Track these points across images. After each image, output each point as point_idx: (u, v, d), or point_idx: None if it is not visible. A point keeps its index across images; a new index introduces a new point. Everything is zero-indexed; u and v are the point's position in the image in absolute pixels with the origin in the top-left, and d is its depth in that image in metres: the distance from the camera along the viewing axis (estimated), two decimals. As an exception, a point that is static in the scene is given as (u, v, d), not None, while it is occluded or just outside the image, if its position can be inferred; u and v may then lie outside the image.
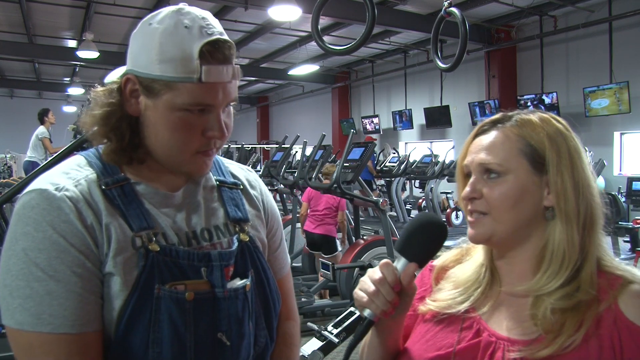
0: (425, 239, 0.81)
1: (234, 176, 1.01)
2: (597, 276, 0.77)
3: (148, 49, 0.80)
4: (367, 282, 0.79)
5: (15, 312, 0.75)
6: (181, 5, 0.84)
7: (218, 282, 0.85)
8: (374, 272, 0.80)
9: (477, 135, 0.86)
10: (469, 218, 0.83)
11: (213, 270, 0.85)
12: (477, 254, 0.89)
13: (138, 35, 0.83)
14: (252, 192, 1.01)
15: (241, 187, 1.00)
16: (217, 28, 0.83)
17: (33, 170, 6.85)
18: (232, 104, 0.87)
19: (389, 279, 0.78)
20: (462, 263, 0.92)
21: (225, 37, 0.83)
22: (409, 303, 0.84)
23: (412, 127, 12.17)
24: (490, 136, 0.83)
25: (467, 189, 0.82)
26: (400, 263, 0.80)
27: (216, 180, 0.97)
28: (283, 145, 6.95)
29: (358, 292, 0.80)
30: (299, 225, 5.87)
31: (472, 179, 0.82)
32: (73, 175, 0.83)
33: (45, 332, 0.74)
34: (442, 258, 0.94)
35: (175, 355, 0.80)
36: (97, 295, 0.79)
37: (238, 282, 0.88)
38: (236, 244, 0.91)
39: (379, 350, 0.87)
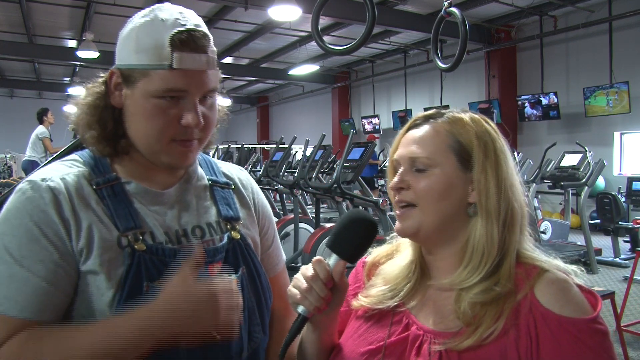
0: (355, 236, 0.82)
1: (226, 176, 1.04)
2: (516, 267, 0.80)
3: (127, 42, 0.86)
4: (300, 279, 0.81)
5: None
6: (158, 5, 0.88)
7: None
8: (307, 269, 0.81)
9: (409, 129, 0.88)
10: (397, 211, 0.85)
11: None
12: (407, 250, 0.91)
13: (122, 33, 0.89)
14: (243, 191, 1.04)
15: (233, 186, 1.02)
16: (192, 21, 0.86)
17: (32, 169, 6.85)
18: (210, 94, 0.88)
19: (321, 276, 0.80)
20: (393, 259, 0.94)
21: (201, 28, 0.86)
22: (342, 298, 0.86)
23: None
24: (421, 130, 0.85)
25: (395, 179, 0.84)
26: (332, 259, 0.82)
27: (208, 179, 0.99)
28: (281, 146, 6.96)
29: (291, 289, 0.82)
30: (301, 225, 5.87)
31: (400, 170, 0.84)
32: (62, 170, 0.86)
33: None
34: (374, 254, 0.97)
35: (167, 349, 0.81)
36: (58, 288, 0.79)
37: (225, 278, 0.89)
38: (225, 240, 0.93)
39: (315, 346, 0.88)
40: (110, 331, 0.77)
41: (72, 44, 11.37)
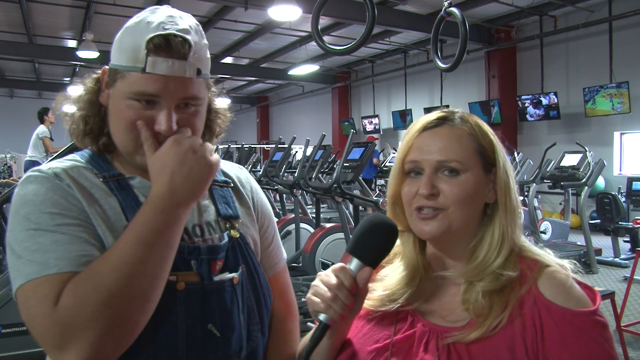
0: (377, 240, 0.81)
1: (224, 174, 1.03)
2: (519, 262, 0.83)
3: (116, 42, 0.87)
4: (322, 287, 0.79)
5: (25, 267, 0.76)
6: (157, 6, 0.88)
7: (206, 274, 0.88)
8: (329, 277, 0.80)
9: (422, 131, 0.86)
10: (423, 213, 0.83)
11: (202, 263, 0.88)
12: (407, 254, 0.90)
13: (118, 33, 0.89)
14: (242, 190, 1.04)
15: (232, 185, 1.02)
16: (179, 25, 0.84)
17: (33, 170, 6.81)
18: (193, 102, 0.87)
19: (346, 284, 0.79)
20: (392, 263, 0.94)
21: (185, 35, 0.83)
22: (362, 303, 0.85)
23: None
24: (443, 134, 0.84)
25: (425, 185, 0.82)
26: (353, 265, 0.80)
27: None
28: (280, 145, 6.96)
29: (312, 298, 0.80)
30: (301, 225, 5.86)
31: (427, 177, 0.83)
32: (63, 163, 0.88)
33: (51, 275, 0.75)
34: None
35: (168, 343, 0.82)
36: (100, 245, 0.81)
37: (226, 275, 0.90)
38: (226, 239, 0.93)
39: (329, 352, 0.88)
40: (133, 229, 0.78)
41: (72, 44, 11.37)
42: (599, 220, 6.57)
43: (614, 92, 8.14)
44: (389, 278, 0.91)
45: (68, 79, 15.28)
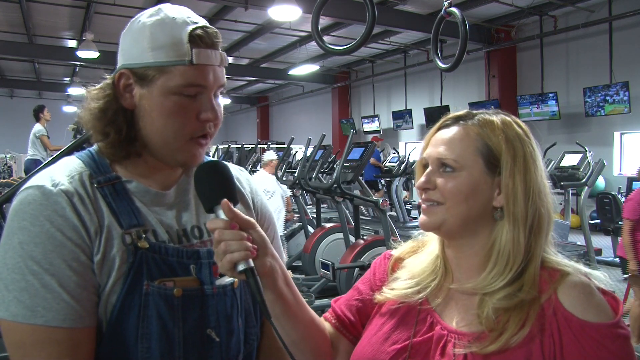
0: (213, 180, 0.82)
1: None
2: (540, 272, 0.80)
3: (139, 40, 0.85)
4: (214, 248, 0.76)
5: (10, 304, 0.76)
6: (162, 5, 0.89)
7: (207, 279, 0.87)
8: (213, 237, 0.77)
9: (439, 129, 0.88)
10: (422, 205, 0.86)
11: (202, 267, 0.87)
12: (433, 246, 0.92)
13: (128, 33, 0.88)
14: (242, 190, 1.03)
15: None
16: (199, 18, 0.88)
17: (35, 168, 6.79)
18: (221, 90, 0.90)
19: (221, 226, 0.76)
20: (418, 253, 0.95)
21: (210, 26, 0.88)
22: (261, 237, 0.79)
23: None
24: (451, 131, 0.86)
25: (423, 179, 0.85)
26: (218, 211, 0.78)
27: None
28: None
29: (218, 263, 0.76)
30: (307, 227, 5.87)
31: (428, 170, 0.86)
32: (67, 172, 0.85)
33: (38, 325, 0.75)
34: (400, 249, 0.98)
35: (163, 350, 0.81)
36: (91, 291, 0.80)
37: (226, 280, 0.89)
38: None
39: (282, 301, 0.82)
40: None
41: (72, 44, 11.37)
42: (599, 220, 6.57)
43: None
44: (415, 266, 0.92)
45: (68, 79, 15.28)
